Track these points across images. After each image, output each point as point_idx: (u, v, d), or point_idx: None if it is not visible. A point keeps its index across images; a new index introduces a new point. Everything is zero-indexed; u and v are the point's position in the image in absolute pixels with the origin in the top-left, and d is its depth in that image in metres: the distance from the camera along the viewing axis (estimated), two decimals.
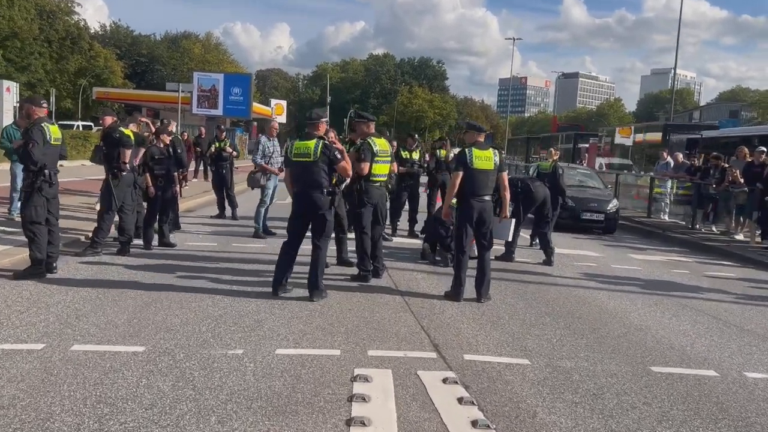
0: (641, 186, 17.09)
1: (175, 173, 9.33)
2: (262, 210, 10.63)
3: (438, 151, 12.25)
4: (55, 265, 7.01)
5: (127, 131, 8.25)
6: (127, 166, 8.12)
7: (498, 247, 9.83)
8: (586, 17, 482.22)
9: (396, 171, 7.73)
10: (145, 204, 9.05)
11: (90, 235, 8.43)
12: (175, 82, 31.78)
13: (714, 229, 14.53)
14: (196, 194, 15.79)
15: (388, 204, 8.46)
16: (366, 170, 7.32)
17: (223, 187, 12.87)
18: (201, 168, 20.58)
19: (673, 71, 41.68)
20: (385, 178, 7.68)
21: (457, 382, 4.42)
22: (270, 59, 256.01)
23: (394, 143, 12.85)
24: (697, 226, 14.78)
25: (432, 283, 7.79)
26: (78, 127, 40.70)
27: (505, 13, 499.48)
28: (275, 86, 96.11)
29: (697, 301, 7.77)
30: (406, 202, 11.73)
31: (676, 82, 45.12)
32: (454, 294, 6.91)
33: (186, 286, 6.82)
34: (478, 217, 6.79)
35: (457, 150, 8.12)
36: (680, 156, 16.11)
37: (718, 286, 8.85)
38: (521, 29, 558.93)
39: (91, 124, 42.51)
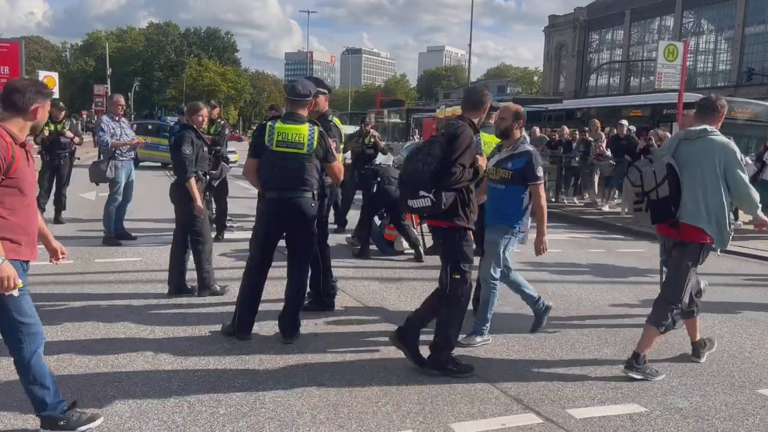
0: None
1: None
2: (112, 209, 8.38)
3: None
4: None
5: None
6: None
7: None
8: None
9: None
10: None
11: None
12: None
13: (576, 201, 14.84)
14: None
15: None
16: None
17: (53, 183, 9.86)
18: None
19: (468, 48, 43.67)
20: None
21: None
22: (21, 26, 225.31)
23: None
24: (562, 198, 15.00)
25: (396, 294, 6.41)
26: None
27: None
28: (35, 56, 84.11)
29: None
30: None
31: (468, 62, 47.46)
32: None
33: (94, 339, 4.69)
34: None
35: None
36: (537, 130, 16.25)
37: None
38: (301, 3, 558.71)
39: None
